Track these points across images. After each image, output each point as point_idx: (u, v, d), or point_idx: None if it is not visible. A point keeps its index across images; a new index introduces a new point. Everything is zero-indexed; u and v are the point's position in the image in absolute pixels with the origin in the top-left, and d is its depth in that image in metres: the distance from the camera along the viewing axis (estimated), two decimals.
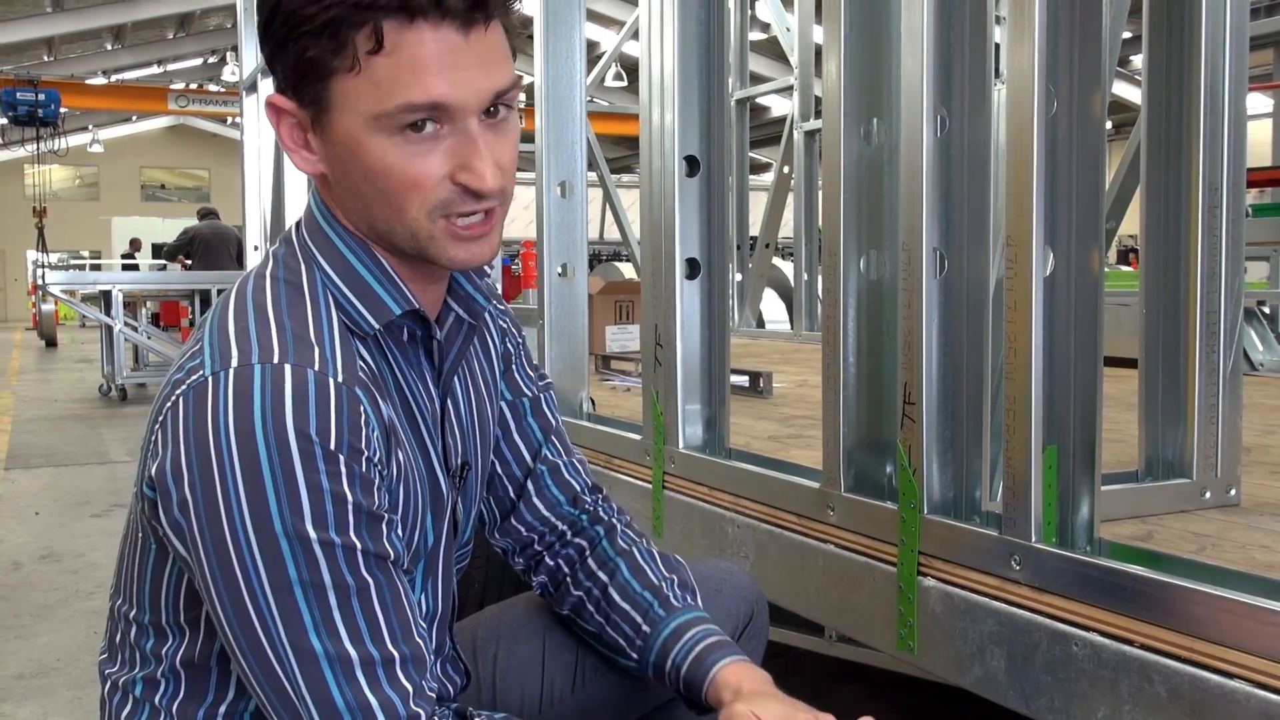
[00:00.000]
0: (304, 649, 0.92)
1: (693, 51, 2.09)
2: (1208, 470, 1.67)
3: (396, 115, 0.94)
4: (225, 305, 1.01)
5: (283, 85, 0.99)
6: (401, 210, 0.98)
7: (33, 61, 19.39)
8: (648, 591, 1.24)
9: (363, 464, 0.94)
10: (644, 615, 1.23)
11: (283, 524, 0.90)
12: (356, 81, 0.94)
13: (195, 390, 0.93)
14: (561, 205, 2.64)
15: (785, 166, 5.63)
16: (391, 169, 0.96)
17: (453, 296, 1.12)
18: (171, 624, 1.05)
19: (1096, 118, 1.35)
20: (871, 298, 1.66)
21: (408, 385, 1.07)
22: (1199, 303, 1.63)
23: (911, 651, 1.53)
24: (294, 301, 1.00)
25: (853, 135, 1.65)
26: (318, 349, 0.96)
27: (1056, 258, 1.35)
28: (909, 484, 1.52)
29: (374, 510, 0.95)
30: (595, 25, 15.46)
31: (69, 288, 9.43)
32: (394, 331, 1.06)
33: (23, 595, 3.52)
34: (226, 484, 0.90)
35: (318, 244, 1.04)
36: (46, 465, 5.94)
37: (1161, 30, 1.63)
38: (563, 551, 1.30)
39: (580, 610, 1.28)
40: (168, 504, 0.94)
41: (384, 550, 0.95)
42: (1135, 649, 1.23)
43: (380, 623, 0.94)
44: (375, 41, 0.93)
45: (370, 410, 0.96)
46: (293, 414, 0.91)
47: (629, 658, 1.24)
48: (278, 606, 0.91)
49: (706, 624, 1.21)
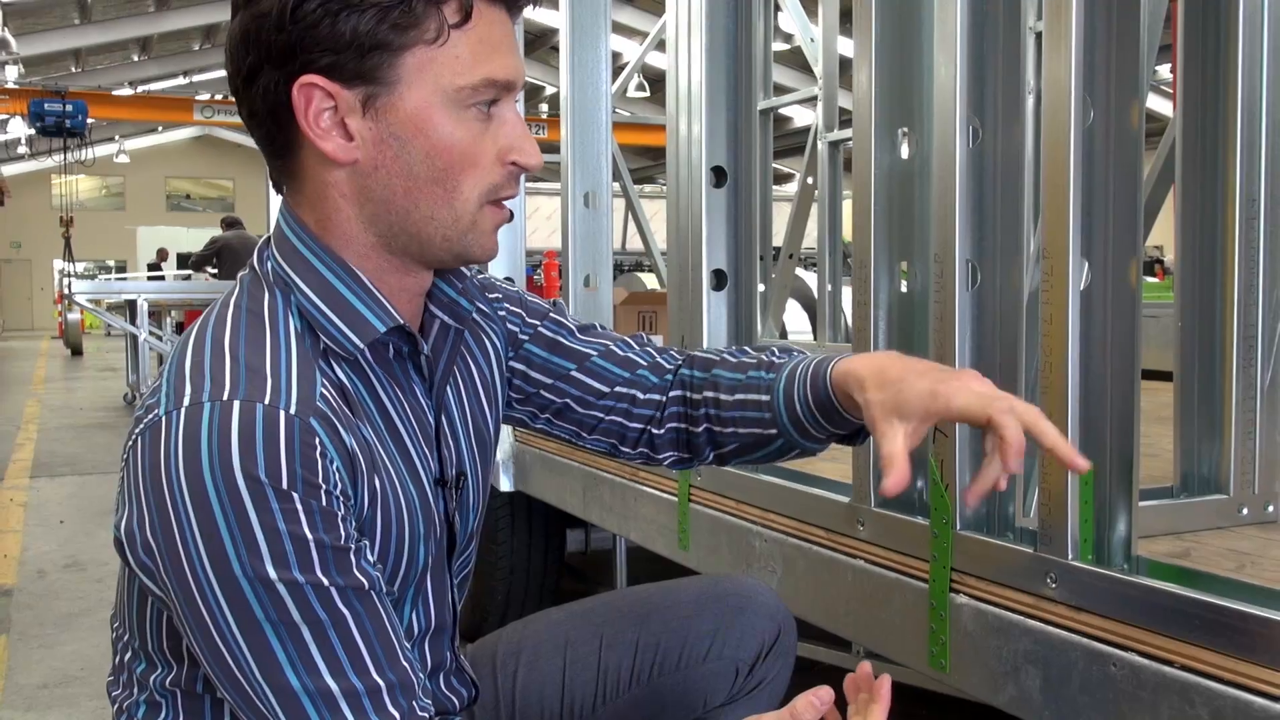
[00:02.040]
0: (282, 686, 0.89)
1: (720, 62, 2.08)
2: (1245, 486, 1.64)
3: (478, 89, 0.95)
4: (188, 339, 0.98)
5: (323, 66, 0.93)
6: (455, 191, 0.97)
7: (60, 73, 19.60)
8: (750, 372, 1.20)
9: (321, 497, 0.90)
10: (760, 391, 1.18)
11: (242, 567, 0.87)
12: (437, 53, 0.94)
13: (150, 431, 0.91)
14: (586, 216, 2.63)
15: (809, 177, 5.61)
16: (457, 145, 0.96)
17: (434, 304, 1.09)
18: (157, 652, 1.03)
19: (1134, 128, 1.33)
20: (903, 310, 1.64)
21: (392, 405, 1.03)
22: (1236, 316, 1.61)
23: (944, 670, 1.50)
24: (253, 330, 0.97)
25: (884, 145, 1.63)
26: (270, 380, 0.92)
27: (1093, 270, 1.33)
28: (941, 499, 1.50)
29: (339, 544, 0.91)
30: (618, 36, 15.49)
31: (95, 297, 9.51)
32: (378, 350, 1.02)
33: (47, 604, 3.53)
34: (184, 530, 0.88)
35: (293, 265, 1.00)
36: (71, 474, 5.97)
37: (1197, 38, 1.61)
38: (670, 411, 1.25)
39: (716, 440, 1.22)
40: (133, 547, 0.92)
41: (356, 581, 0.92)
42: (1175, 670, 1.20)
43: (362, 652, 0.91)
44: (464, 14, 0.94)
45: (328, 439, 0.92)
46: (239, 456, 0.88)
47: (773, 441, 1.18)
48: (249, 647, 0.89)
49: (813, 358, 1.17)
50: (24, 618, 3.38)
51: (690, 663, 1.30)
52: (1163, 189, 1.78)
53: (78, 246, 17.40)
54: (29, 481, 5.75)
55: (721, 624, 1.32)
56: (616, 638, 1.32)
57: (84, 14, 16.84)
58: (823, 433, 1.17)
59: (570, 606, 1.40)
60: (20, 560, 4.09)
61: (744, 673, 1.32)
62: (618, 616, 1.33)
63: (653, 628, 1.31)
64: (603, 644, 1.32)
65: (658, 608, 1.33)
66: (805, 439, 1.18)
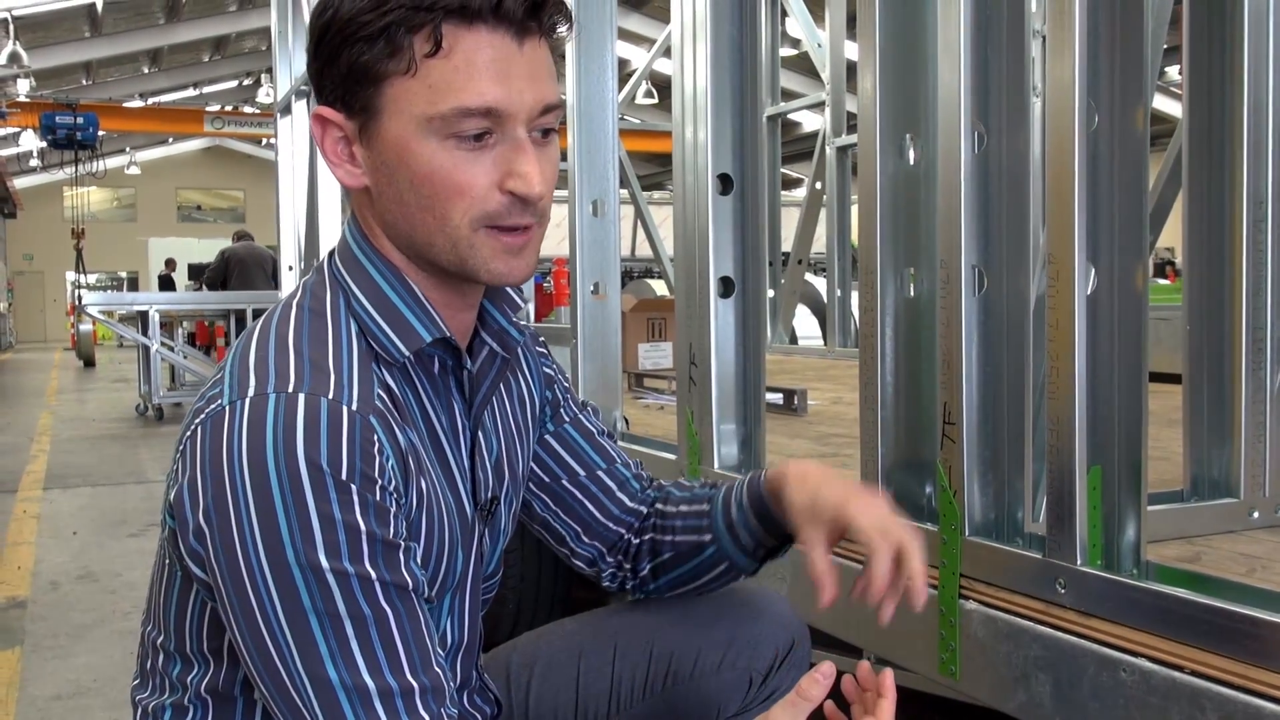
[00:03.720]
0: (321, 679, 0.91)
1: (725, 69, 2.08)
2: (1255, 489, 1.64)
3: (449, 119, 0.94)
4: (250, 335, 1.02)
5: (331, 97, 0.99)
6: (445, 218, 0.98)
7: (72, 85, 19.70)
8: (697, 490, 1.31)
9: (376, 492, 0.93)
10: (702, 502, 1.28)
11: (295, 553, 0.90)
12: (410, 84, 0.94)
13: (213, 419, 0.94)
14: (594, 224, 2.63)
15: (817, 182, 5.61)
16: (437, 174, 0.96)
17: (486, 330, 1.11)
18: (196, 652, 1.04)
19: (1139, 132, 1.33)
20: (910, 316, 1.64)
21: (434, 415, 1.06)
22: (1245, 318, 1.60)
23: (954, 677, 1.50)
24: (316, 330, 1.00)
25: (889, 151, 1.63)
26: (334, 376, 0.95)
27: (1099, 275, 1.33)
28: (949, 505, 1.50)
29: (389, 539, 0.93)
30: (626, 43, 15.51)
31: (106, 308, 9.53)
32: (424, 361, 1.05)
33: (60, 615, 3.54)
34: (240, 513, 0.90)
35: (350, 270, 1.04)
36: (84, 485, 5.99)
37: (1203, 41, 1.61)
38: (643, 538, 1.32)
39: (656, 548, 1.30)
40: (185, 532, 0.94)
41: (402, 579, 0.94)
42: (1186, 675, 1.19)
43: (399, 653, 0.93)
44: (433, 44, 0.93)
45: (385, 438, 0.95)
46: (304, 444, 0.90)
47: (705, 548, 1.27)
48: (293, 636, 0.91)
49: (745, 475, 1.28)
50: (37, 629, 3.39)
51: (704, 672, 1.30)
52: (1173, 190, 1.77)
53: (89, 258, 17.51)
54: (42, 493, 5.77)
55: (735, 633, 1.31)
56: (630, 647, 1.32)
57: (94, 27, 16.92)
58: (751, 539, 1.24)
59: (583, 617, 1.40)
60: (34, 572, 4.10)
61: (758, 682, 1.31)
62: (631, 626, 1.33)
63: (666, 637, 1.31)
64: (616, 654, 1.32)
65: (671, 617, 1.33)
66: (736, 546, 1.25)
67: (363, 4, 0.94)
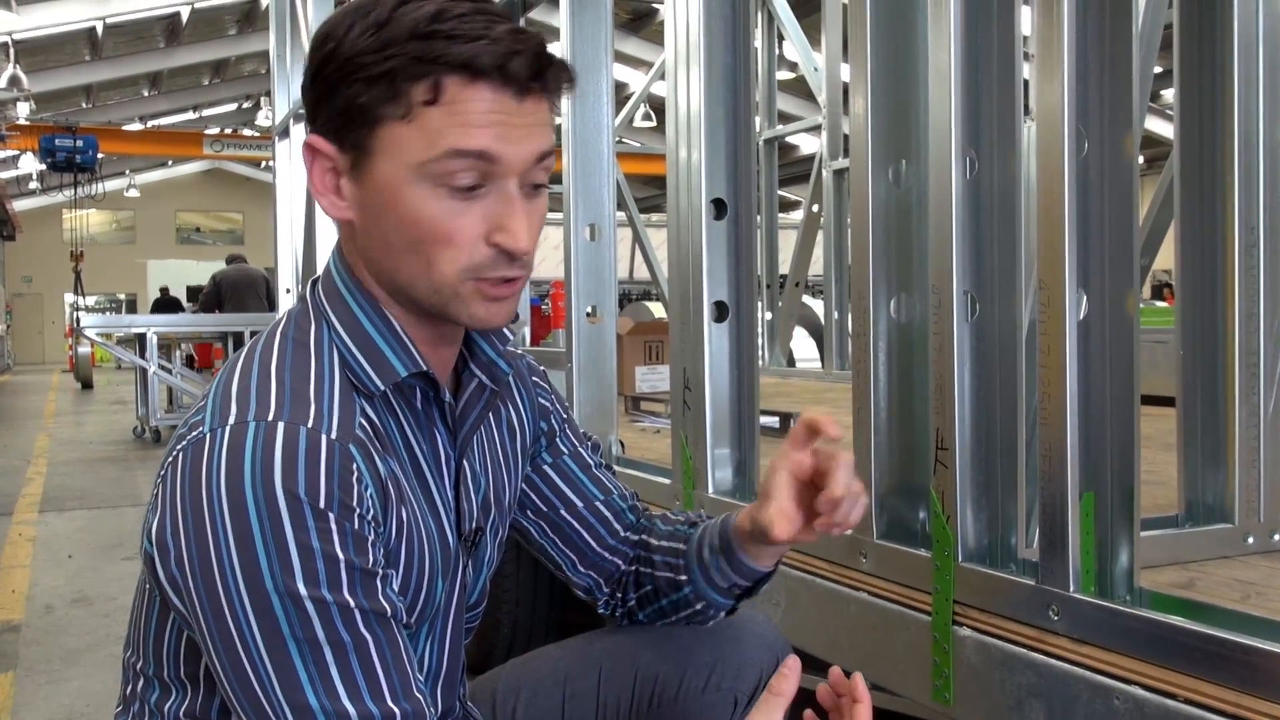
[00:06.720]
0: (301, 705, 0.91)
1: (719, 94, 2.09)
2: (1250, 514, 1.63)
3: (441, 163, 0.94)
4: (234, 363, 1.02)
5: (324, 129, 0.99)
6: (430, 264, 0.98)
7: (72, 108, 19.77)
8: (679, 526, 1.31)
9: (355, 520, 0.93)
10: (680, 540, 1.28)
11: (274, 581, 0.90)
12: (405, 129, 0.94)
13: (193, 447, 0.94)
14: (590, 248, 2.64)
15: (815, 205, 5.62)
16: (425, 220, 0.96)
17: (475, 362, 1.12)
18: (174, 678, 1.04)
19: (1129, 158, 1.33)
20: (902, 341, 1.64)
21: (417, 445, 1.06)
22: (1237, 343, 1.60)
23: (948, 703, 1.49)
24: (299, 359, 1.00)
25: (880, 177, 1.63)
26: (314, 405, 0.96)
27: (1090, 301, 1.33)
28: (943, 531, 1.49)
29: (368, 567, 0.94)
30: (623, 66, 15.57)
31: (104, 331, 9.54)
32: (405, 392, 1.05)
33: (54, 639, 3.53)
34: (219, 541, 0.90)
35: (331, 301, 1.04)
36: (80, 508, 5.97)
37: (1193, 66, 1.61)
38: (632, 568, 1.33)
39: (640, 580, 1.31)
40: (165, 559, 0.94)
41: (380, 607, 0.94)
42: (1179, 703, 1.19)
43: (380, 679, 0.93)
44: (433, 94, 0.93)
45: (364, 466, 0.95)
46: (281, 473, 0.91)
47: (682, 587, 1.27)
48: (272, 663, 0.91)
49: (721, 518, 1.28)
50: (31, 653, 3.37)
51: (689, 694, 1.30)
52: (1168, 213, 1.78)
53: (88, 280, 17.51)
54: (38, 516, 5.75)
55: (720, 655, 1.31)
56: (615, 670, 1.32)
57: (95, 50, 16.98)
58: (724, 580, 1.25)
59: (568, 642, 1.40)
60: (28, 595, 4.09)
61: (743, 704, 1.31)
62: (615, 650, 1.33)
63: (651, 659, 1.31)
64: (601, 677, 1.32)
65: (656, 640, 1.33)
66: (710, 586, 1.26)
67: (366, 43, 0.94)
